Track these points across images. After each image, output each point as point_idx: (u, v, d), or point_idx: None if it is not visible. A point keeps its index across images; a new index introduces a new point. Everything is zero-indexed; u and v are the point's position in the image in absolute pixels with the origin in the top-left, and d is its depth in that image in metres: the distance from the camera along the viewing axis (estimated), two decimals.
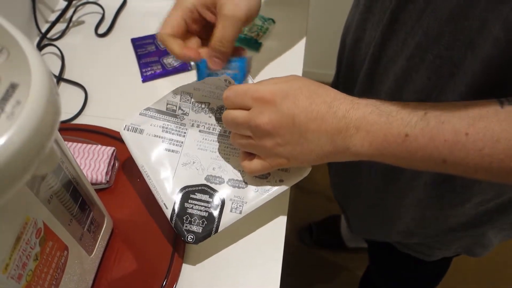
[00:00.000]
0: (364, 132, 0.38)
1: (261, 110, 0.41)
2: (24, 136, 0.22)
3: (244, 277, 0.49)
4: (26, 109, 0.22)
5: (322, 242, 1.40)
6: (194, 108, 0.52)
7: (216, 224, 0.46)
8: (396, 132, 0.37)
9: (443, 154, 0.35)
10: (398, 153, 0.37)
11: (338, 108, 0.40)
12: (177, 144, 0.51)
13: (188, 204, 0.47)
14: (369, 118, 0.38)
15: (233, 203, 0.47)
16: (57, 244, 0.36)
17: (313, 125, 0.40)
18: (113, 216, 0.51)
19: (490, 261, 1.37)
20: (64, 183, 0.36)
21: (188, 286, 0.49)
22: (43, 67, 0.24)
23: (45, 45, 0.72)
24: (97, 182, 0.54)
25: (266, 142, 0.42)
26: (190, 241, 0.46)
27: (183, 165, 0.49)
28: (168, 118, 0.52)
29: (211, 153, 0.50)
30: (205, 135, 0.51)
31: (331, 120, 0.40)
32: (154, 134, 0.51)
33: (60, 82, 0.68)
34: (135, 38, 0.74)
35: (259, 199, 0.47)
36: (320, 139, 0.40)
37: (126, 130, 0.51)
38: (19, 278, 0.31)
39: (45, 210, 0.33)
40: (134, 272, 0.49)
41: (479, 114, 0.34)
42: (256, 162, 0.45)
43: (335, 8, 1.42)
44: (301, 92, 0.41)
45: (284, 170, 0.49)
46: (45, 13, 0.77)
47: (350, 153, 0.40)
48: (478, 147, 0.33)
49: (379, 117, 0.38)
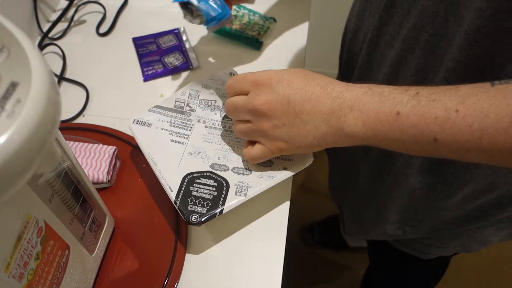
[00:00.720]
0: (358, 112, 0.39)
1: (258, 92, 0.44)
2: (25, 134, 0.22)
3: (246, 276, 0.49)
4: (26, 108, 0.22)
5: (324, 241, 1.40)
6: (201, 105, 0.55)
7: (221, 206, 0.47)
8: (388, 110, 0.37)
9: (434, 132, 0.35)
10: (391, 133, 0.38)
11: (332, 90, 0.41)
12: (183, 136, 0.53)
13: (193, 188, 0.48)
14: (362, 98, 0.39)
15: (237, 187, 0.48)
16: (59, 243, 0.36)
17: (308, 105, 0.41)
18: (115, 215, 0.51)
19: (490, 260, 1.37)
20: (65, 182, 0.36)
21: (190, 284, 0.49)
22: (43, 66, 0.24)
23: (47, 44, 0.72)
24: (99, 181, 0.54)
25: (263, 124, 0.44)
26: (194, 222, 0.46)
27: (189, 154, 0.51)
28: (176, 115, 0.54)
29: (216, 145, 0.52)
30: (210, 130, 0.54)
31: (325, 100, 0.41)
32: (161, 127, 0.53)
33: (62, 81, 0.68)
34: (136, 37, 0.74)
35: (264, 184, 0.49)
36: (315, 120, 0.41)
37: (134, 123, 0.53)
38: (21, 277, 0.31)
39: (46, 209, 0.33)
40: (135, 271, 0.49)
41: (469, 92, 0.34)
42: (256, 147, 0.47)
43: (337, 7, 1.42)
44: (296, 76, 0.43)
45: (287, 159, 0.50)
46: (47, 12, 0.77)
47: (344, 134, 0.40)
48: (467, 122, 0.33)
49: (372, 97, 0.39)
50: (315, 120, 0.41)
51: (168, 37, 0.73)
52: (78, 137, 0.58)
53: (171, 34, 0.74)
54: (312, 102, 0.41)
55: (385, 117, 0.37)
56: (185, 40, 0.73)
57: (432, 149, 0.37)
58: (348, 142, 0.42)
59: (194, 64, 0.69)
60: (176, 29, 0.75)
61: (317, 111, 0.41)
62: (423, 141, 0.36)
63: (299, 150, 0.45)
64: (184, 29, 0.74)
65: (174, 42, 0.72)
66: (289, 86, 0.42)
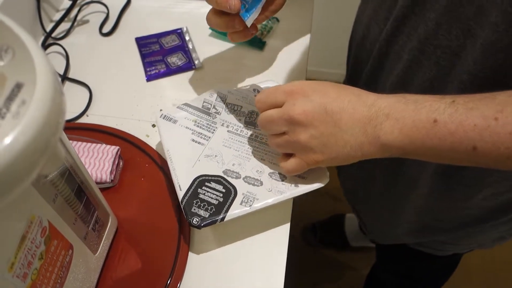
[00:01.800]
0: (394, 120, 0.38)
1: (293, 102, 0.42)
2: (30, 135, 0.22)
3: (248, 276, 0.49)
4: (31, 109, 0.22)
5: (326, 241, 1.40)
6: (227, 109, 0.56)
7: (224, 213, 0.47)
8: (425, 118, 0.37)
9: (473, 140, 0.35)
10: (428, 141, 0.37)
11: (367, 98, 0.41)
12: (205, 138, 0.53)
13: (201, 190, 0.48)
14: (397, 106, 0.39)
15: (244, 197, 0.48)
16: (62, 243, 0.36)
17: (345, 114, 0.40)
18: (118, 215, 0.52)
19: (496, 260, 1.36)
20: (69, 182, 0.36)
21: (193, 284, 0.49)
22: (48, 67, 0.24)
23: (50, 44, 0.73)
24: (102, 181, 0.54)
25: (300, 135, 0.42)
26: (195, 224, 0.46)
27: (206, 157, 0.52)
28: (202, 115, 0.55)
29: (234, 151, 0.52)
30: (232, 135, 0.54)
31: (362, 108, 0.40)
32: (185, 126, 0.54)
33: (65, 81, 0.68)
34: (139, 37, 0.74)
35: (271, 199, 0.48)
36: (353, 129, 0.40)
37: (161, 118, 0.55)
38: (24, 277, 0.31)
39: (50, 209, 0.33)
40: (138, 271, 0.49)
41: (506, 101, 0.34)
42: (292, 160, 0.46)
43: (340, 6, 1.42)
44: (329, 86, 0.43)
45: (300, 177, 0.50)
46: (50, 12, 0.77)
47: (380, 144, 0.40)
48: (508, 130, 0.33)
49: (406, 105, 0.38)
50: (353, 129, 0.40)
51: (171, 37, 0.73)
52: (81, 137, 0.58)
53: (174, 34, 0.74)
54: (349, 111, 0.40)
55: (422, 125, 0.37)
56: (188, 40, 0.73)
57: (470, 157, 0.36)
58: (383, 153, 0.41)
59: (197, 64, 0.69)
60: (179, 29, 0.75)
61: (355, 120, 0.40)
62: (461, 149, 0.36)
63: (333, 162, 0.44)
64: (187, 29, 0.74)
65: (177, 42, 0.73)
66: (324, 95, 0.41)
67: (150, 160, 0.57)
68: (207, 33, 0.74)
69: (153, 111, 0.64)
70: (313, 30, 0.75)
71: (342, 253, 1.39)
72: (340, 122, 0.41)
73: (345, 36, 0.78)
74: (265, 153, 0.52)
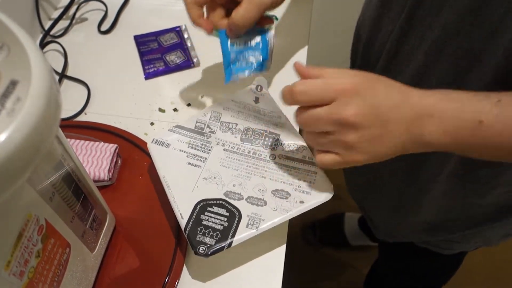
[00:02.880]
0: (438, 119, 0.38)
1: (346, 101, 0.39)
2: (24, 133, 0.22)
3: (246, 274, 0.49)
4: (26, 106, 0.22)
5: (325, 240, 1.40)
6: (222, 127, 0.54)
7: (230, 238, 0.45)
8: (470, 118, 0.37)
9: None
10: (473, 140, 0.37)
11: (412, 96, 0.40)
12: (201, 159, 0.51)
13: (204, 216, 0.47)
14: (441, 105, 0.38)
15: (249, 219, 0.46)
16: (59, 241, 0.36)
17: (393, 114, 0.39)
18: (116, 213, 0.51)
19: (496, 259, 1.36)
20: (66, 180, 0.36)
21: (191, 282, 0.49)
22: (43, 64, 0.24)
23: (48, 42, 0.72)
24: (100, 179, 0.54)
25: (349, 136, 0.40)
26: (201, 253, 0.44)
27: (204, 179, 0.50)
28: (195, 136, 0.53)
29: (233, 171, 0.51)
30: (229, 154, 0.52)
31: (407, 107, 0.39)
32: (179, 149, 0.52)
33: (63, 79, 0.68)
34: (137, 35, 0.74)
35: (278, 219, 0.47)
36: (399, 129, 0.40)
37: (153, 143, 0.52)
38: (21, 275, 0.31)
39: (47, 207, 0.33)
40: (136, 269, 0.49)
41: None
42: (331, 156, 0.43)
43: (339, 4, 1.41)
44: (378, 82, 0.41)
45: (305, 192, 0.49)
46: (48, 10, 0.77)
47: (424, 142, 0.39)
48: None
49: (450, 104, 0.38)
50: (399, 129, 0.39)
51: (169, 35, 0.73)
52: (79, 135, 0.58)
53: (172, 32, 0.74)
54: (396, 110, 0.39)
55: (467, 125, 0.37)
56: (186, 38, 0.73)
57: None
58: (426, 149, 0.41)
59: (196, 63, 0.69)
60: (177, 27, 0.74)
61: (402, 119, 0.39)
62: (505, 150, 0.36)
63: (372, 161, 0.42)
64: (185, 27, 0.74)
65: (176, 40, 0.72)
66: (375, 94, 0.40)
67: (148, 158, 0.57)
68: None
69: (151, 109, 0.64)
70: (312, 29, 0.75)
71: (341, 252, 1.39)
72: (387, 123, 0.39)
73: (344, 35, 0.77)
74: (265, 170, 0.51)
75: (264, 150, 0.53)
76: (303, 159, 0.51)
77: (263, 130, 0.54)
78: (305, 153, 0.52)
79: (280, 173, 0.50)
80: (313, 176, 0.50)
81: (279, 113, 0.55)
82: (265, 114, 0.55)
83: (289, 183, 0.49)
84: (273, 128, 0.54)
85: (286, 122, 0.54)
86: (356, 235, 1.35)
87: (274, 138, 0.53)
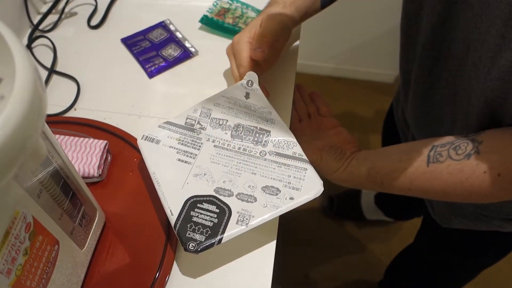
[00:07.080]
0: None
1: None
2: (8, 131, 0.22)
3: (236, 270, 0.49)
4: (10, 104, 0.22)
5: (343, 214, 1.45)
6: (212, 123, 0.54)
7: (220, 234, 0.45)
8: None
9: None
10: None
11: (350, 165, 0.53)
12: (191, 156, 0.51)
13: (194, 213, 0.47)
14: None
15: (239, 215, 0.47)
16: (48, 239, 0.36)
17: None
18: (106, 210, 0.51)
19: None
20: (54, 177, 0.36)
21: (181, 278, 0.49)
22: (28, 61, 0.24)
23: (37, 37, 0.72)
24: (89, 175, 0.54)
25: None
26: (191, 250, 0.44)
27: (194, 176, 0.50)
28: (185, 132, 0.53)
29: (223, 167, 0.51)
30: (219, 150, 0.52)
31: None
32: (169, 145, 0.52)
33: (52, 74, 0.68)
34: (124, 37, 0.72)
35: (267, 215, 0.47)
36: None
37: (143, 139, 0.52)
38: (8, 273, 0.31)
39: (34, 204, 0.33)
40: (126, 265, 0.49)
41: (412, 174, 0.46)
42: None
43: None
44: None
45: (295, 189, 0.49)
46: (37, 4, 0.76)
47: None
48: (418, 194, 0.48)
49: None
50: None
51: (157, 31, 0.73)
52: (68, 131, 0.58)
53: (159, 28, 0.73)
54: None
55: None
56: (174, 30, 0.72)
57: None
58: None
59: (194, 52, 0.69)
60: (161, 22, 0.74)
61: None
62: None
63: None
64: (170, 20, 0.74)
65: (166, 35, 0.72)
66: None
67: (138, 155, 0.57)
68: (197, 25, 0.74)
69: (142, 106, 0.64)
70: (303, 24, 0.75)
71: (337, 247, 1.41)
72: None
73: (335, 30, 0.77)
74: (255, 166, 0.51)
75: (254, 146, 0.53)
76: (293, 156, 0.51)
77: (253, 127, 0.54)
78: (295, 150, 0.52)
79: (270, 170, 0.50)
80: (303, 173, 0.50)
81: (270, 108, 0.55)
82: (255, 110, 0.55)
83: (279, 180, 0.49)
84: (263, 125, 0.54)
85: (276, 118, 0.54)
86: (371, 211, 1.40)
87: (264, 134, 0.53)
